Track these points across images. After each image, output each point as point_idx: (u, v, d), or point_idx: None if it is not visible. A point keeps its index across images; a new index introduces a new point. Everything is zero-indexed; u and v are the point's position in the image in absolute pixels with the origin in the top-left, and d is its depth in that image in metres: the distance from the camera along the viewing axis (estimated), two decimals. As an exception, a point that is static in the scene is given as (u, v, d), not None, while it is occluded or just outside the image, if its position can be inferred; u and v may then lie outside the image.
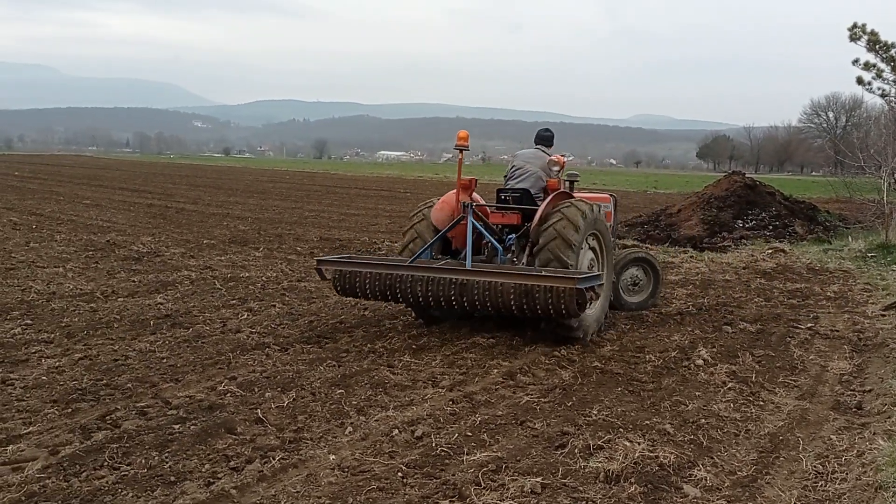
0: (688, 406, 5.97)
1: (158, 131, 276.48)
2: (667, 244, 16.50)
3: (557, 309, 6.93)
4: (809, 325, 8.97)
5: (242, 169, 73.13)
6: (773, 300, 10.49)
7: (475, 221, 7.92)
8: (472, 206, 7.97)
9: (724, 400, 6.16)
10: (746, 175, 22.15)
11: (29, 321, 8.20)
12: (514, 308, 7.08)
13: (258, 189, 36.89)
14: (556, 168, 8.62)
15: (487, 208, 8.48)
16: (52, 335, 7.63)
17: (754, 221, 18.70)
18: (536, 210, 8.12)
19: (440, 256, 8.33)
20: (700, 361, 7.20)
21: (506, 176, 9.02)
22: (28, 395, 5.78)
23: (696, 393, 6.32)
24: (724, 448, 5.15)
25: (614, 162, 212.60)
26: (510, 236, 8.27)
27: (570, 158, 9.01)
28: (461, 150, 8.32)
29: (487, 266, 7.73)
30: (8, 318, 8.33)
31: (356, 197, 33.41)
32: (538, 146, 9.10)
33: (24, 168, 53.59)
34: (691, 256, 14.82)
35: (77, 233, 16.39)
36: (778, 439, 5.34)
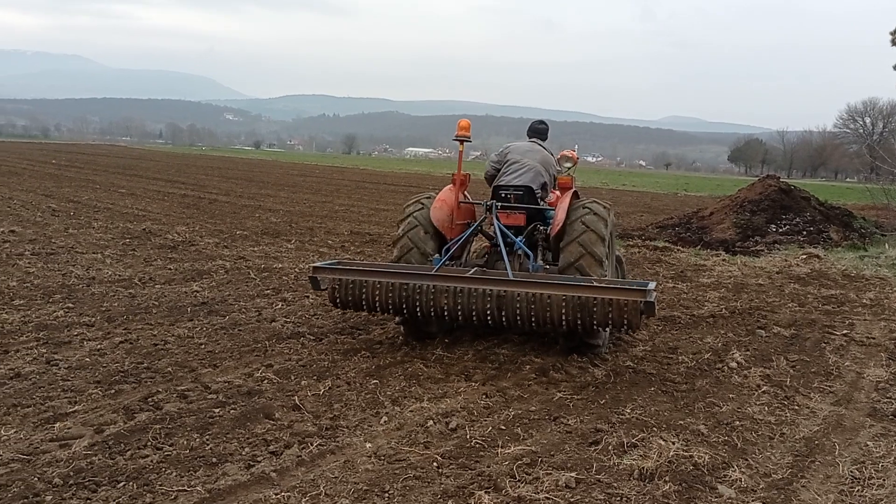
0: (721, 408, 5.96)
1: (191, 123, 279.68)
2: (698, 247, 16.40)
3: (619, 323, 6.22)
4: (845, 331, 8.88)
5: (273, 162, 73.70)
6: (808, 305, 10.40)
7: (501, 224, 7.36)
8: (496, 205, 7.45)
9: (758, 403, 6.14)
10: (781, 179, 21.92)
11: (70, 304, 8.38)
12: (564, 323, 6.27)
13: (289, 182, 37.17)
14: (569, 164, 7.78)
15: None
16: (94, 319, 7.79)
17: (788, 226, 18.51)
18: (540, 209, 7.66)
19: (434, 258, 7.32)
20: (734, 364, 7.18)
21: (490, 173, 8.23)
22: (73, 376, 5.92)
23: (730, 395, 6.31)
24: (759, 450, 5.14)
25: (644, 163, 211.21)
26: (518, 239, 7.47)
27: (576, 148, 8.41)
28: (462, 142, 7.82)
29: (534, 276, 6.95)
30: (50, 301, 8.51)
31: (385, 192, 33.54)
32: (533, 139, 8.41)
33: (61, 156, 54.50)
34: (723, 260, 14.71)
35: (114, 220, 16.66)
36: (813, 444, 5.32)
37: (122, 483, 4.12)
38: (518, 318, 6.36)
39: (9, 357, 6.35)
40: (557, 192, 7.92)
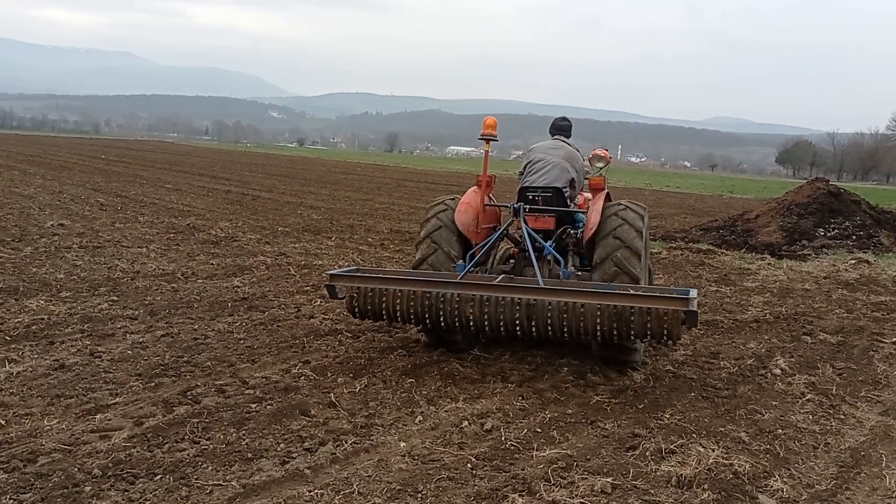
0: (764, 415, 5.82)
1: (236, 120, 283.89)
2: (743, 250, 16.09)
3: (658, 334, 5.77)
4: (894, 339, 8.63)
5: (315, 159, 74.35)
6: (856, 312, 10.13)
7: (529, 228, 7.07)
8: (523, 208, 7.16)
9: (802, 411, 5.99)
10: (830, 182, 21.41)
11: (115, 297, 8.53)
12: (599, 334, 5.88)
13: (331, 180, 37.45)
14: (601, 164, 7.50)
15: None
16: (137, 312, 7.92)
17: (837, 230, 18.06)
18: (570, 212, 7.38)
19: (458, 264, 7.02)
20: (777, 371, 7.02)
21: (521, 172, 7.84)
22: (114, 368, 6.02)
23: (773, 403, 6.16)
24: (802, 460, 5.01)
25: (688, 164, 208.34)
26: (548, 243, 7.16)
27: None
28: (487, 140, 7.44)
29: (566, 283, 6.64)
30: (96, 293, 8.68)
31: (426, 191, 33.57)
32: (556, 136, 7.99)
33: (110, 152, 55.71)
34: (769, 263, 14.40)
35: (159, 215, 16.96)
36: (859, 454, 5.17)
37: (159, 476, 4.17)
38: (549, 328, 5.98)
39: (54, 348, 6.48)
40: (587, 195, 7.73)
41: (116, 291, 8.87)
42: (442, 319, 6.19)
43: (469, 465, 4.60)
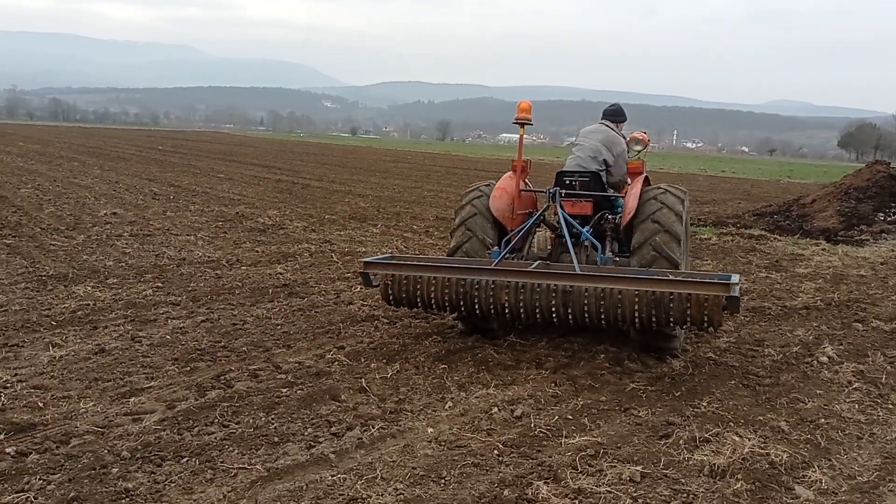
0: (807, 404, 5.63)
1: (290, 110, 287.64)
2: (797, 235, 15.62)
3: (698, 319, 5.66)
4: (952, 327, 8.26)
5: (367, 148, 74.80)
6: (913, 299, 9.74)
7: (566, 213, 6.91)
8: (559, 192, 6.96)
9: (847, 400, 5.78)
10: (892, 165, 20.63)
11: (160, 284, 8.70)
12: (637, 321, 5.79)
13: (381, 168, 37.60)
14: (639, 147, 7.57)
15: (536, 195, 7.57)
16: (180, 298, 8.07)
17: (897, 215, 17.44)
18: (607, 196, 7.27)
19: (493, 251, 6.88)
20: (824, 359, 6.78)
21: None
22: (152, 353, 6.14)
23: (818, 391, 5.96)
24: (844, 451, 4.83)
25: (746, 149, 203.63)
26: (585, 229, 7.06)
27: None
28: (522, 125, 7.28)
29: (603, 269, 6.48)
30: (142, 280, 8.87)
31: (475, 178, 33.39)
32: (602, 121, 7.87)
33: (167, 143, 56.96)
34: (823, 249, 13.96)
35: (209, 204, 17.25)
36: (906, 445, 4.96)
37: (186, 458, 4.22)
38: (586, 315, 5.90)
39: (97, 333, 6.64)
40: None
41: (162, 278, 9.04)
42: (477, 307, 6.14)
43: (496, 451, 4.55)
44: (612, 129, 7.78)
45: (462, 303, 6.18)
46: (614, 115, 7.94)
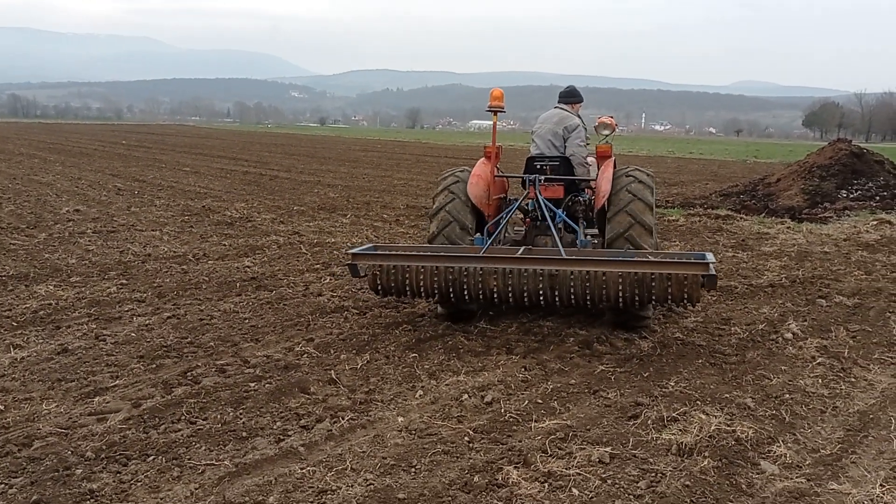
0: (772, 380, 5.71)
1: (257, 101, 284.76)
2: (763, 214, 15.81)
3: (678, 297, 5.99)
4: (913, 300, 8.42)
5: (336, 138, 74.33)
6: (875, 274, 9.90)
7: (543, 198, 7.05)
8: (538, 179, 7.12)
9: (811, 375, 5.86)
10: (854, 143, 20.93)
11: (124, 281, 8.58)
12: (620, 300, 6.07)
13: (350, 158, 37.39)
14: (607, 132, 7.84)
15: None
16: (145, 295, 7.96)
17: (859, 192, 17.68)
18: (574, 181, 7.50)
19: (475, 238, 7.10)
20: (789, 335, 6.87)
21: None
22: (117, 351, 6.05)
23: (782, 367, 6.04)
24: (808, 425, 4.91)
25: (714, 131, 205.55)
26: (560, 211, 7.24)
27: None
28: (495, 112, 7.39)
29: (587, 253, 6.75)
30: (106, 277, 8.74)
31: (445, 166, 33.26)
32: (558, 105, 8.06)
33: (131, 137, 56.07)
34: (788, 227, 14.13)
35: (175, 198, 17.03)
36: (868, 417, 5.04)
37: (152, 457, 4.18)
38: (572, 297, 6.11)
39: (59, 333, 6.53)
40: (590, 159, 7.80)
41: (126, 275, 8.91)
42: (466, 293, 6.26)
43: (466, 438, 4.56)
44: (568, 111, 7.96)
45: (451, 290, 6.29)
46: (569, 96, 8.10)
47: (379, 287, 6.46)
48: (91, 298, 7.71)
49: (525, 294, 6.17)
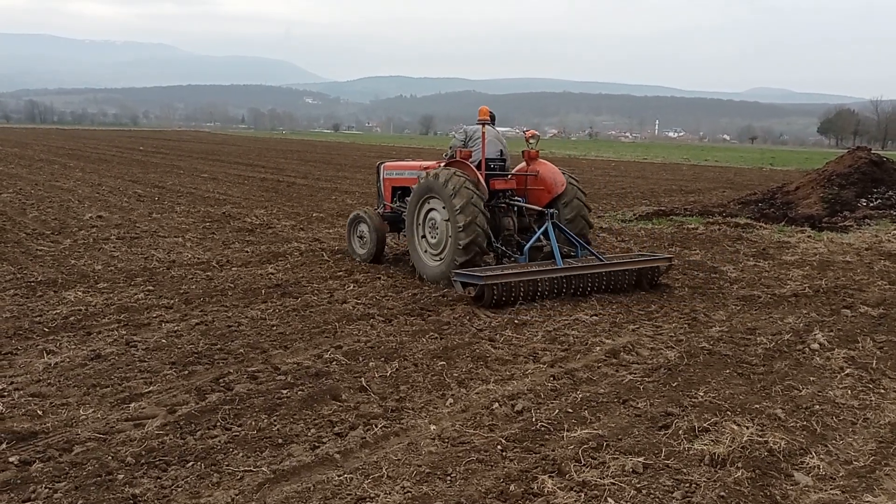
0: (801, 391, 5.71)
1: (272, 108, 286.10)
2: (782, 223, 15.75)
3: (658, 274, 9.50)
4: (939, 310, 8.38)
5: (351, 145, 74.58)
6: (899, 284, 9.86)
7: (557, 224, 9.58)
8: (552, 213, 9.36)
9: (840, 386, 5.86)
10: (872, 151, 20.83)
11: (151, 287, 8.66)
12: (631, 281, 9.24)
13: (365, 164, 37.46)
14: (534, 141, 10.22)
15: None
16: (172, 301, 8.04)
17: (880, 200, 17.60)
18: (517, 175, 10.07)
19: (517, 257, 9.44)
20: (815, 345, 6.87)
21: (454, 147, 10.11)
22: (149, 357, 6.12)
23: (811, 378, 6.04)
24: (840, 436, 4.91)
25: (728, 137, 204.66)
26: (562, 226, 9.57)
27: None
28: (484, 125, 9.50)
29: (608, 260, 9.28)
30: (132, 283, 8.83)
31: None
32: (481, 122, 9.83)
33: (148, 143, 56.53)
34: (809, 236, 14.10)
35: (195, 205, 17.17)
36: (900, 430, 5.04)
37: (191, 463, 4.23)
38: (603, 285, 8.91)
39: (91, 339, 6.61)
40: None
41: (152, 281, 9.00)
42: (548, 292, 8.48)
43: (499, 446, 4.59)
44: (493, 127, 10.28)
45: (541, 292, 8.41)
46: (493, 119, 10.13)
47: (493, 299, 8.04)
48: (120, 304, 7.80)
49: (572, 287, 8.63)
